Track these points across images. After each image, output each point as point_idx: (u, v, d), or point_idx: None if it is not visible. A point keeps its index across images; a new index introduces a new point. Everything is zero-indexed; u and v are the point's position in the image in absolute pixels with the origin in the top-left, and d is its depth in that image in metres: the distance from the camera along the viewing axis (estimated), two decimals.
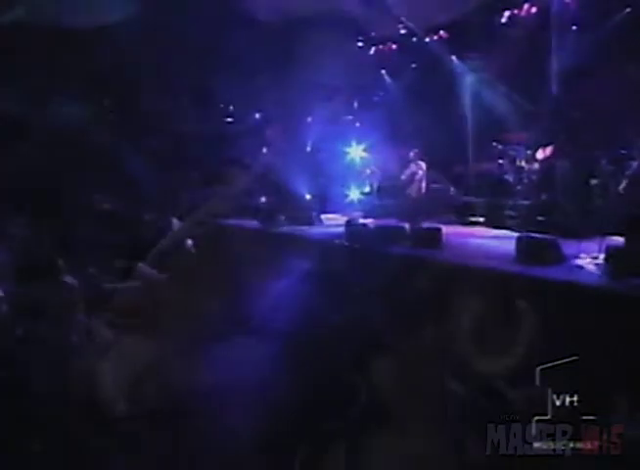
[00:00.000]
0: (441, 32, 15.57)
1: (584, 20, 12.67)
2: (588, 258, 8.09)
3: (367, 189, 16.94)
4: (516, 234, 11.07)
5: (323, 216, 15.42)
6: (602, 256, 7.76)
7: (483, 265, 8.24)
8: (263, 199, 17.23)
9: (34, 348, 5.85)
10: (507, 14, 14.19)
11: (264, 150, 18.27)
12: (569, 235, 9.77)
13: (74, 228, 11.43)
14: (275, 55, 15.54)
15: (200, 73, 15.04)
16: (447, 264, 8.69)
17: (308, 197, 17.77)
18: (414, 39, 16.10)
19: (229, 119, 18.67)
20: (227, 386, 5.55)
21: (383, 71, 17.31)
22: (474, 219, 13.61)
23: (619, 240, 8.48)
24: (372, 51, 17.07)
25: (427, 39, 15.79)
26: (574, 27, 13.00)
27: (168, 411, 5.46)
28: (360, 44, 16.91)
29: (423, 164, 12.09)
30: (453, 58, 15.45)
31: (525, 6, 13.92)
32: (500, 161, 13.93)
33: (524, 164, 13.18)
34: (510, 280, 7.49)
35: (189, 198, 16.21)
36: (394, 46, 16.75)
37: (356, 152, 17.67)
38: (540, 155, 12.72)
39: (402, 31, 16.14)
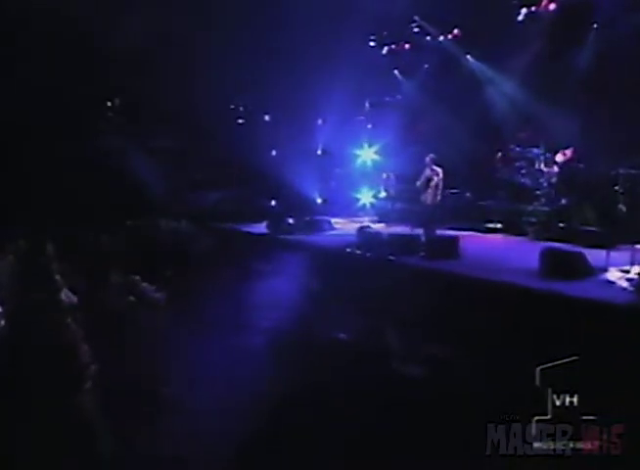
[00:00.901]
0: (455, 31, 15.08)
1: (605, 16, 12.15)
2: (619, 273, 7.56)
3: (382, 194, 16.47)
4: (536, 242, 10.72)
5: (333, 221, 14.97)
6: (635, 269, 7.26)
7: (506, 281, 7.72)
8: (273, 202, 16.87)
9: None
10: (524, 11, 13.67)
11: (274, 152, 17.88)
12: (592, 244, 9.31)
13: None
14: (286, 55, 15.15)
15: (210, 74, 14.67)
16: (466, 279, 8.18)
17: (319, 201, 17.40)
18: (427, 38, 15.64)
19: (239, 121, 18.32)
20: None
21: (395, 72, 16.89)
22: (491, 226, 13.14)
23: None
24: (384, 50, 16.61)
25: (440, 38, 15.32)
26: (595, 25, 12.49)
27: None
28: (372, 44, 16.44)
29: (439, 170, 11.58)
30: (468, 57, 14.96)
31: (544, 2, 13.40)
32: (518, 164, 13.42)
33: (543, 167, 12.66)
34: (535, 298, 7.00)
35: (193, 200, 15.85)
36: (407, 45, 16.31)
37: (368, 154, 17.25)
38: (560, 158, 12.23)
39: (415, 30, 15.67)
